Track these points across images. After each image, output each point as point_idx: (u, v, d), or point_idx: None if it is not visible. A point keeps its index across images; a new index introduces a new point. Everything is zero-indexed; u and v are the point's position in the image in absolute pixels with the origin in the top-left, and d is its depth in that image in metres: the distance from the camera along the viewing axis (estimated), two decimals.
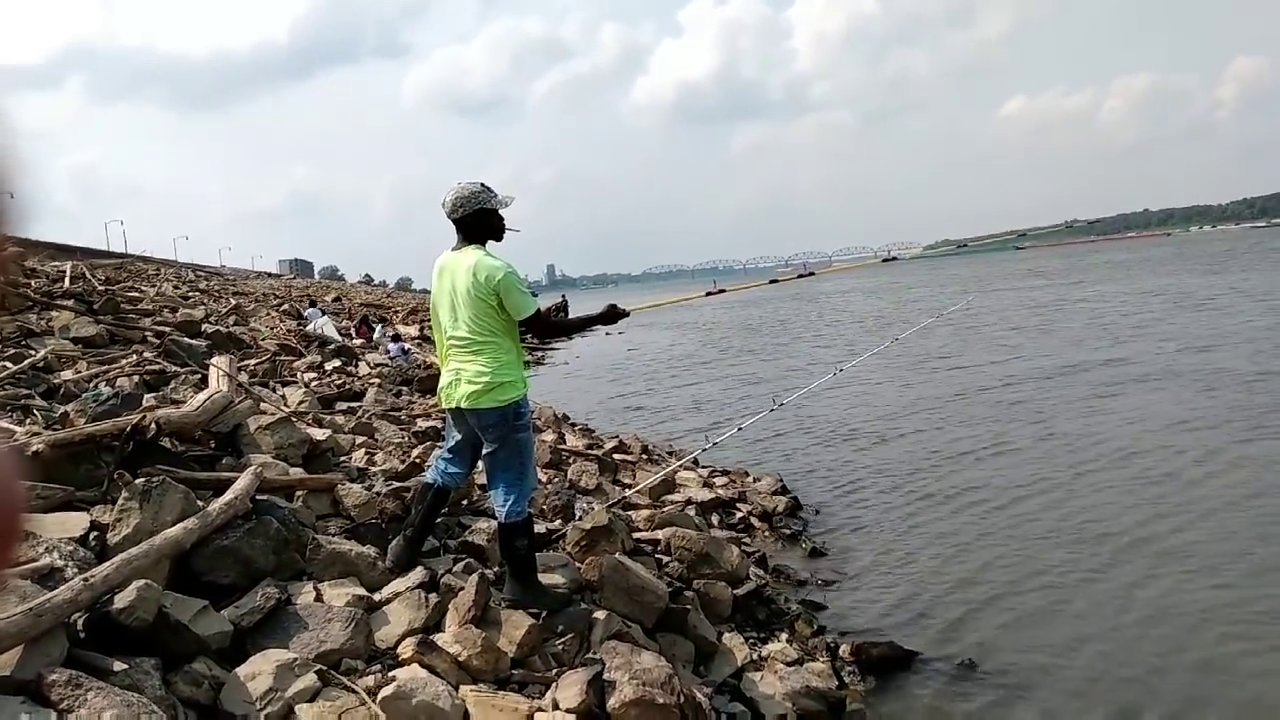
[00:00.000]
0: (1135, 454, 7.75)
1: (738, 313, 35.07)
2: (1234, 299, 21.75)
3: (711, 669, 3.98)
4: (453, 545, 4.27)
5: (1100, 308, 23.29)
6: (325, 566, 3.54)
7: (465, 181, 3.69)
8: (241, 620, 3.00)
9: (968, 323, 20.83)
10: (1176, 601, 4.76)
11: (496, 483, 3.69)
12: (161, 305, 13.03)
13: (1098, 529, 5.94)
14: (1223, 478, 6.81)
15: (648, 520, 5.54)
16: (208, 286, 26.33)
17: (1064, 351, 14.97)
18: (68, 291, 10.35)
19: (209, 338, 9.75)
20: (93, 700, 2.24)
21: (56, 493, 3.39)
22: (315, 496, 4.26)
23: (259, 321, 16.44)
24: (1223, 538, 5.55)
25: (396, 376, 11.78)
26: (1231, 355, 12.67)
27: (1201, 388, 10.54)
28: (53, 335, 7.49)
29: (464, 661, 3.14)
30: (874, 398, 12.13)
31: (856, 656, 4.29)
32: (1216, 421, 8.61)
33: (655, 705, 3.04)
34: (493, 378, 3.57)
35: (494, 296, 3.56)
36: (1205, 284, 27.95)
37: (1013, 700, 3.96)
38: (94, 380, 5.93)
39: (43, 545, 2.90)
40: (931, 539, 6.10)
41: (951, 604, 5.02)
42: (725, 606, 4.58)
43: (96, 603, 2.65)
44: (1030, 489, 7.03)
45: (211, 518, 3.30)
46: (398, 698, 2.76)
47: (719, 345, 23.45)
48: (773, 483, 7.53)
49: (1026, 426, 9.37)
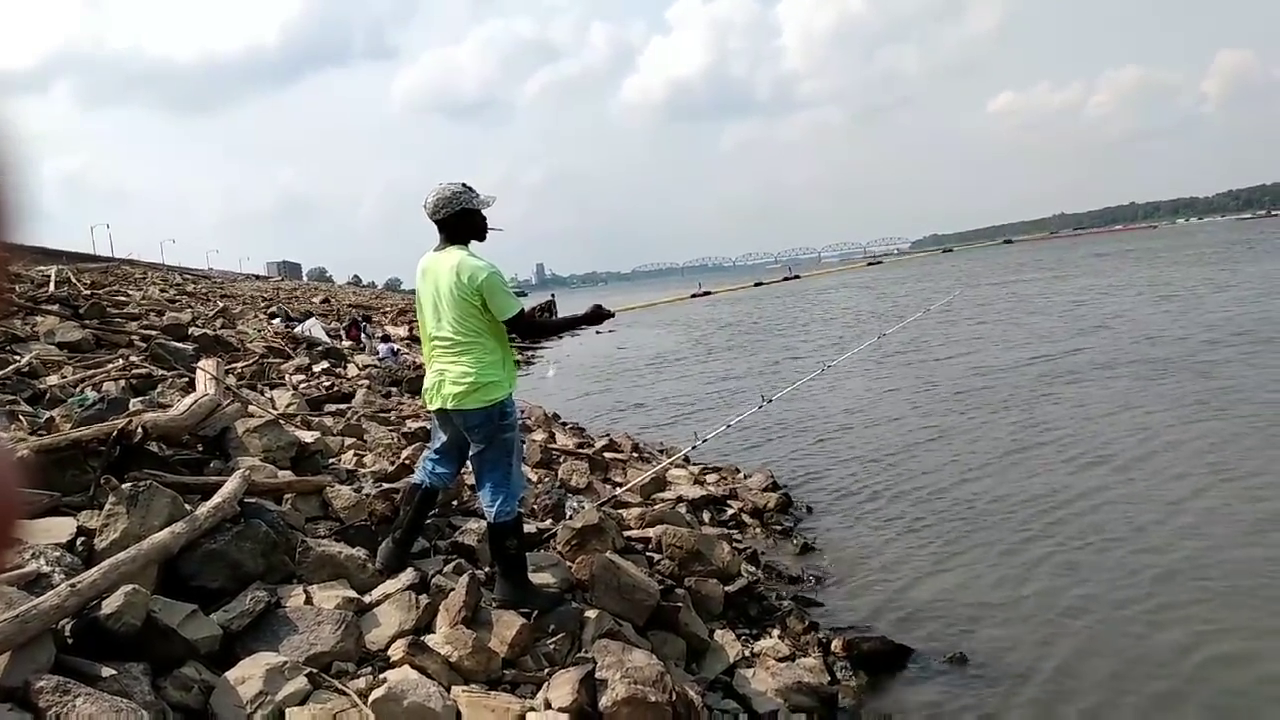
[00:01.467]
0: (1134, 453, 7.73)
1: (725, 310, 35.12)
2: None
3: (703, 666, 3.99)
4: (443, 546, 4.25)
5: (1081, 300, 23.42)
6: (315, 569, 3.52)
7: (446, 182, 3.68)
8: (231, 624, 2.98)
9: (954, 318, 20.92)
10: (1172, 597, 4.78)
11: (484, 483, 3.68)
12: (148, 309, 12.95)
13: (1092, 525, 5.96)
14: (1232, 484, 6.52)
15: (639, 518, 5.54)
16: (195, 290, 26.19)
17: (1053, 346, 15.05)
18: (53, 296, 10.27)
19: (196, 341, 9.68)
20: (81, 706, 2.22)
21: (43, 498, 3.37)
22: (304, 499, 4.24)
23: (246, 324, 16.36)
24: (1224, 538, 5.53)
25: (385, 378, 11.74)
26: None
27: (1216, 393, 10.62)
28: (38, 340, 7.43)
29: (455, 662, 3.13)
30: (863, 393, 12.17)
31: (848, 652, 4.30)
32: (1229, 435, 7.98)
33: (647, 703, 3.05)
34: (477, 378, 3.57)
35: (477, 297, 3.56)
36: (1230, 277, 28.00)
37: (1004, 694, 3.99)
38: (80, 385, 5.89)
39: (29, 551, 2.88)
40: (922, 534, 6.13)
41: (942, 599, 5.05)
42: (717, 603, 4.59)
43: (84, 608, 2.63)
44: (1021, 485, 7.07)
45: (200, 522, 3.28)
46: (389, 699, 2.75)
47: (707, 343, 23.48)
48: (763, 479, 7.55)
49: (1017, 422, 9.41)
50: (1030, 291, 29.45)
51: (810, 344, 20.29)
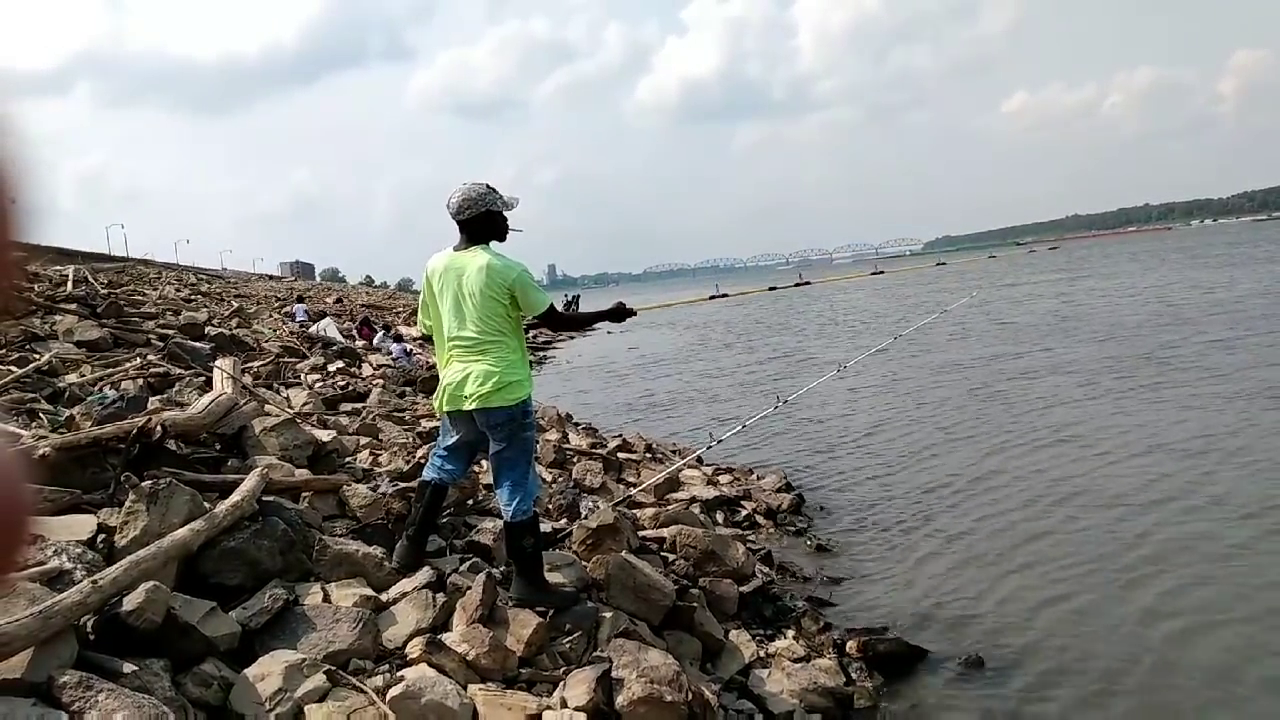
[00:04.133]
0: (1152, 450, 7.65)
1: (739, 310, 35.07)
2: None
3: (719, 666, 3.98)
4: (459, 545, 4.27)
5: (1104, 301, 23.28)
6: (332, 567, 3.54)
7: (471, 183, 3.70)
8: (250, 621, 3.00)
9: (971, 318, 20.81)
10: (1191, 598, 4.72)
11: (503, 482, 3.69)
12: (164, 308, 13.04)
13: (1110, 526, 5.90)
14: (1250, 485, 6.45)
15: (653, 518, 5.54)
16: (210, 289, 26.36)
17: (1074, 346, 14.95)
18: (71, 295, 10.35)
19: (212, 340, 9.75)
20: (104, 702, 2.24)
21: (63, 496, 3.40)
22: (321, 497, 4.26)
23: (261, 323, 16.45)
24: (1248, 539, 5.45)
25: (399, 377, 11.79)
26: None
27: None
28: (57, 339, 7.49)
29: (472, 660, 3.14)
30: (878, 394, 12.13)
31: (864, 653, 4.28)
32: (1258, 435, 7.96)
33: (664, 703, 3.05)
34: (501, 377, 3.59)
35: (507, 295, 3.60)
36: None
37: (1021, 697, 3.95)
38: (99, 383, 5.93)
39: (51, 548, 2.91)
40: (936, 535, 6.09)
41: (958, 600, 5.02)
42: (731, 604, 4.58)
43: (105, 605, 2.65)
44: (1038, 485, 7.01)
45: (218, 519, 3.30)
46: (407, 697, 2.76)
47: (721, 343, 23.45)
48: (777, 480, 7.53)
49: (1033, 422, 9.34)
50: (1049, 293, 29.24)
51: (824, 343, 20.24)
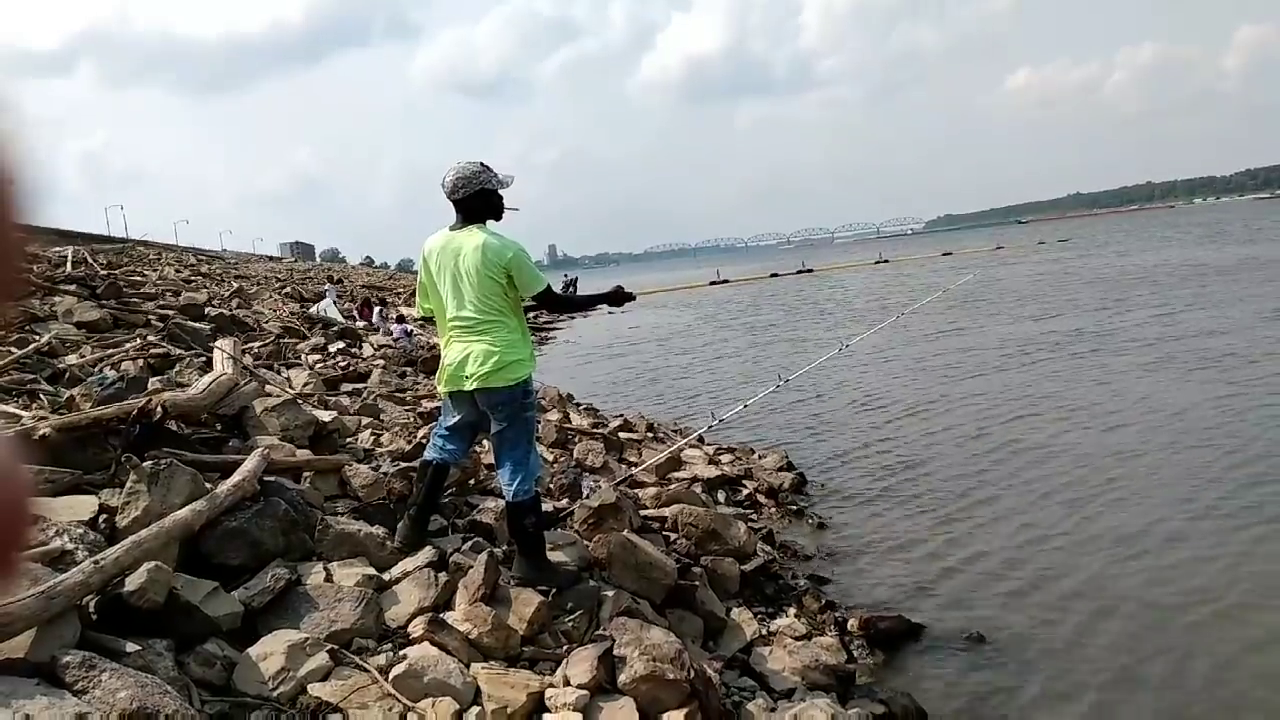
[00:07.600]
0: (1150, 428, 7.68)
1: (741, 290, 34.96)
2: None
3: (720, 644, 4.00)
4: (461, 524, 4.27)
5: (1103, 275, 23.22)
6: (334, 547, 3.54)
7: (465, 161, 3.64)
8: (252, 601, 3.00)
9: (972, 298, 20.76)
10: (1196, 578, 4.73)
11: (504, 461, 3.68)
12: (164, 289, 13.02)
13: (1109, 503, 5.92)
14: (1250, 466, 6.42)
15: (654, 498, 5.55)
16: (209, 270, 26.30)
17: (1075, 323, 14.94)
18: (70, 276, 10.33)
19: (213, 321, 9.74)
20: (107, 681, 2.24)
21: (65, 476, 3.39)
22: (323, 477, 4.26)
23: (262, 304, 16.43)
24: (1249, 517, 5.46)
25: (400, 358, 11.80)
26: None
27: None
28: (56, 320, 7.48)
29: (474, 639, 3.15)
30: (879, 373, 12.11)
31: (865, 630, 4.30)
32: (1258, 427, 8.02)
33: (666, 680, 3.05)
34: (502, 356, 3.56)
35: (504, 275, 3.56)
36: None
37: (1022, 673, 3.97)
38: (99, 364, 5.92)
39: (52, 529, 2.90)
40: (938, 513, 6.10)
41: (959, 577, 5.03)
42: (733, 582, 4.60)
43: (107, 585, 2.65)
44: (1038, 463, 7.03)
45: (220, 500, 3.30)
46: (410, 676, 2.77)
47: (722, 323, 23.39)
48: (778, 459, 7.53)
49: (1034, 400, 9.35)
50: (1053, 270, 29.16)
51: (826, 323, 20.19)
